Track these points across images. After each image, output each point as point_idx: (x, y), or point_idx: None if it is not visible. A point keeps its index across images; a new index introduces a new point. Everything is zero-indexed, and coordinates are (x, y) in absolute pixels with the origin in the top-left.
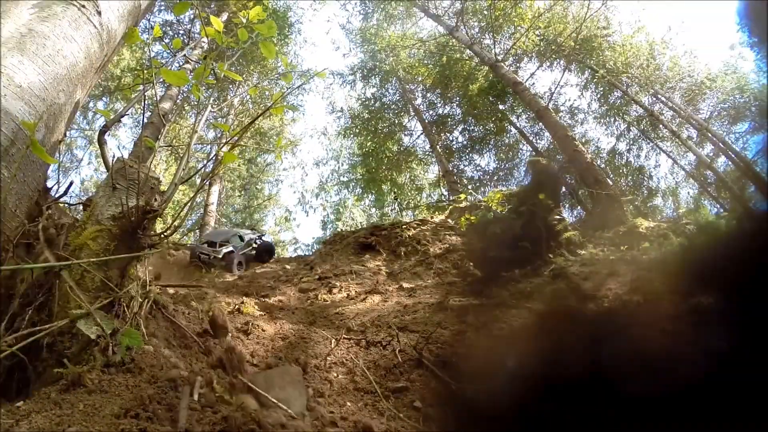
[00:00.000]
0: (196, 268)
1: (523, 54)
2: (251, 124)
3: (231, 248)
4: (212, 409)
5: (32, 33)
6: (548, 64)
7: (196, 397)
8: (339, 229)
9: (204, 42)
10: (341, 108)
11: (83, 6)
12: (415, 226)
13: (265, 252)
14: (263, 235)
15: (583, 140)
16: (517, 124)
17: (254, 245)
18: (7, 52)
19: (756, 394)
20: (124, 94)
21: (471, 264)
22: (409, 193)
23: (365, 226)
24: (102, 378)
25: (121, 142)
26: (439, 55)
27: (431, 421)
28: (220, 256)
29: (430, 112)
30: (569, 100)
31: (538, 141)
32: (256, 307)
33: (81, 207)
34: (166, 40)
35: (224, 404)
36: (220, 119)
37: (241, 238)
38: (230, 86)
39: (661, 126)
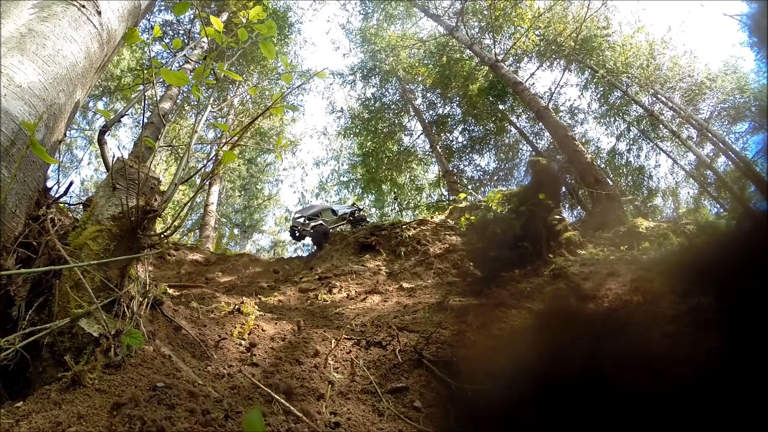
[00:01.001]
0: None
1: (523, 54)
2: (251, 124)
3: (321, 222)
4: None
5: (32, 33)
6: (548, 64)
7: None
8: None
9: (204, 42)
10: (341, 108)
11: (83, 6)
12: (415, 226)
13: (359, 222)
14: (360, 209)
15: (583, 140)
16: (517, 124)
17: (349, 218)
18: (7, 52)
19: (755, 395)
20: (124, 94)
21: (471, 264)
22: (409, 193)
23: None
24: (102, 378)
25: (121, 142)
26: (439, 55)
27: (431, 421)
28: (310, 229)
29: (430, 112)
30: (569, 100)
31: (538, 141)
32: (256, 307)
33: (81, 207)
34: (166, 40)
35: None
36: (220, 119)
37: (334, 212)
38: (230, 86)
39: (661, 126)
